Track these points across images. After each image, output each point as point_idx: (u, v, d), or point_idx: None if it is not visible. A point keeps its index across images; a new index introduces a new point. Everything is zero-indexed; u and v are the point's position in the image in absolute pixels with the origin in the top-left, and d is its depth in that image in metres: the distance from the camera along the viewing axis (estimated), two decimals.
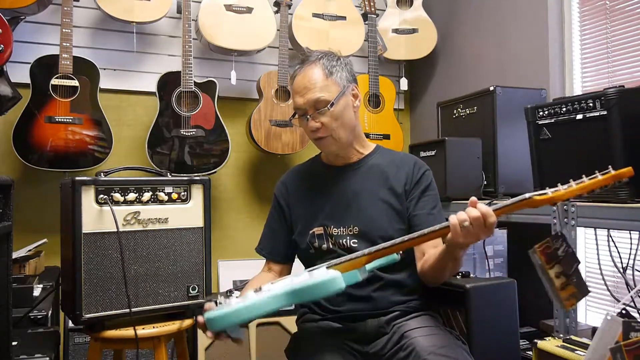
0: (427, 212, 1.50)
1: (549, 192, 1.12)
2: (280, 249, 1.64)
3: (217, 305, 1.26)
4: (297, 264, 1.68)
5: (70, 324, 2.24)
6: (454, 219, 1.19)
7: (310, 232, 1.54)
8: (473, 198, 1.21)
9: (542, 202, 1.12)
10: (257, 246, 1.70)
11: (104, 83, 2.61)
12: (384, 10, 3.18)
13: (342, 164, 1.60)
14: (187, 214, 1.84)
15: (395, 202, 1.51)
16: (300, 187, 1.64)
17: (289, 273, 1.66)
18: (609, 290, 1.80)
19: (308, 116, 1.49)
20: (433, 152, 2.32)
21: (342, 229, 1.51)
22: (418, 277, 1.57)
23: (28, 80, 2.38)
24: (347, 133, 1.52)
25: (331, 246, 1.51)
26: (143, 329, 1.70)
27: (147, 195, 1.77)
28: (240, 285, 1.54)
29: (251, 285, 1.50)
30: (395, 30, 3.15)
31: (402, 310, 1.47)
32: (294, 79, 1.54)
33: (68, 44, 2.42)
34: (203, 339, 2.42)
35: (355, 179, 1.56)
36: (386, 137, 3.08)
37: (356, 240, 1.48)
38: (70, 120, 2.42)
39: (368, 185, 1.54)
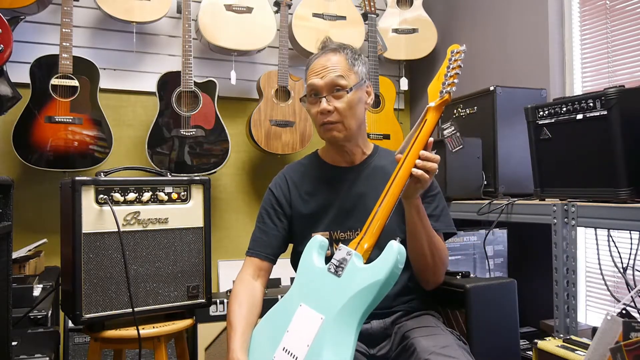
0: (428, 213, 1.47)
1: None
2: (274, 248, 1.55)
3: None
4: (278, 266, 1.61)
5: (70, 324, 2.25)
6: (424, 174, 1.32)
7: (312, 235, 1.48)
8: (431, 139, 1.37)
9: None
10: (249, 249, 1.58)
11: (104, 83, 2.61)
12: (384, 10, 3.18)
13: (347, 164, 1.56)
14: (187, 214, 1.84)
15: (400, 207, 1.50)
16: (301, 186, 1.58)
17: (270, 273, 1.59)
18: (609, 290, 1.81)
19: (323, 96, 1.45)
20: (433, 152, 2.31)
21: (348, 233, 1.49)
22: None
23: (28, 80, 2.38)
24: (355, 125, 1.49)
25: (336, 251, 1.49)
26: (143, 329, 1.70)
27: (147, 195, 1.77)
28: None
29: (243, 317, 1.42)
30: (395, 30, 3.15)
31: (404, 310, 1.47)
32: (313, 61, 1.51)
33: (68, 44, 2.42)
34: (203, 339, 2.42)
35: (360, 180, 1.53)
36: (386, 137, 3.08)
37: None
38: (70, 120, 2.42)
39: (373, 188, 1.50)
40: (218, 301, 2.42)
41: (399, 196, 1.30)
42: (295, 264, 1.57)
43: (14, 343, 1.51)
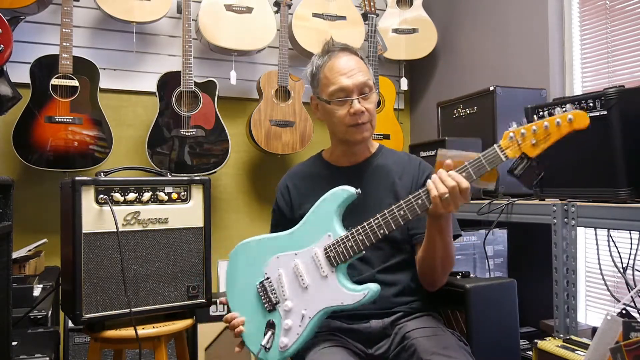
0: None
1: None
2: None
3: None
4: None
5: (70, 324, 2.25)
6: (433, 191, 1.23)
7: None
8: (447, 162, 1.27)
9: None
10: None
11: (104, 83, 2.61)
12: (384, 10, 3.18)
13: (349, 164, 1.58)
14: (187, 214, 1.84)
15: None
16: (301, 185, 1.61)
17: None
18: (609, 290, 1.80)
19: (355, 98, 1.46)
20: (433, 152, 2.32)
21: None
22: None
23: (28, 80, 2.38)
24: (375, 124, 1.56)
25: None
26: (143, 329, 1.70)
27: (147, 195, 1.77)
28: None
29: None
30: (395, 30, 3.15)
31: (405, 311, 1.47)
32: (331, 60, 1.49)
33: (68, 44, 2.42)
34: (203, 339, 2.42)
35: (361, 180, 1.54)
36: (386, 137, 3.08)
37: None
38: (70, 120, 2.42)
39: (374, 187, 1.52)
40: (218, 301, 2.41)
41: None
42: None
43: (14, 343, 1.51)
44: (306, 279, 1.36)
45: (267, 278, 1.43)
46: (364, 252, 1.32)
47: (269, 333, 1.36)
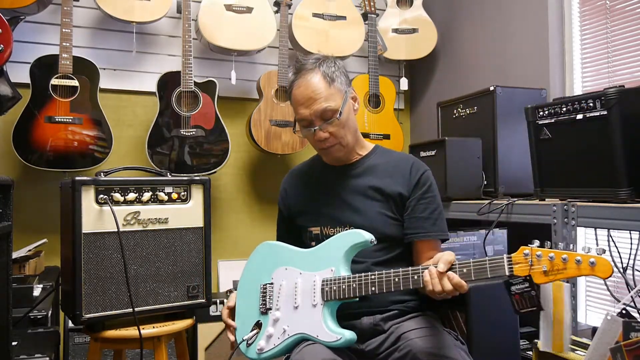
0: (425, 216, 1.50)
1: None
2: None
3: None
4: None
5: (70, 324, 2.25)
6: (429, 286, 1.22)
7: (308, 229, 1.58)
8: (446, 260, 1.22)
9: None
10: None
11: (104, 83, 2.61)
12: (384, 10, 3.18)
13: (339, 164, 1.60)
14: (187, 214, 1.84)
15: (389, 204, 1.51)
16: (298, 187, 1.66)
17: None
18: (609, 290, 1.80)
19: (315, 128, 1.48)
20: (433, 152, 2.32)
21: (337, 229, 1.52)
22: None
23: (28, 80, 2.38)
24: (352, 137, 1.55)
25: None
26: (143, 329, 1.70)
27: (147, 195, 1.77)
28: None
29: None
30: (395, 30, 3.15)
31: (400, 310, 1.47)
32: (293, 89, 1.52)
33: (68, 44, 2.42)
34: (203, 339, 2.42)
35: (352, 179, 1.56)
36: (386, 137, 3.08)
37: None
38: (70, 120, 2.42)
39: (364, 186, 1.54)
40: (218, 301, 2.42)
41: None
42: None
43: (14, 343, 1.51)
44: (299, 300, 1.41)
45: (271, 283, 1.49)
46: (357, 299, 1.34)
47: (255, 331, 1.46)
